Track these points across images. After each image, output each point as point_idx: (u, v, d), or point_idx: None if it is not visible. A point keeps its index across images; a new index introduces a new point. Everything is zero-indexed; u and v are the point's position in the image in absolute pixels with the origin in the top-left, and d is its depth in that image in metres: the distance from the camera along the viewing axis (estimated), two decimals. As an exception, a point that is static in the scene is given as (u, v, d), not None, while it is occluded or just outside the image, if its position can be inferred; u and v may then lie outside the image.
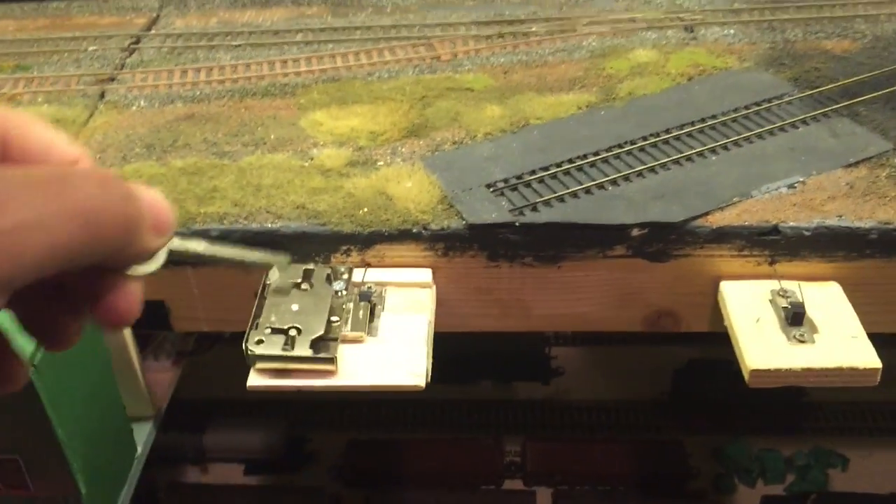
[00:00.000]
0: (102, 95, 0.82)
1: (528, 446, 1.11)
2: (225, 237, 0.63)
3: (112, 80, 0.85)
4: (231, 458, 1.12)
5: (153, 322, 0.66)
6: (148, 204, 0.30)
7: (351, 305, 0.59)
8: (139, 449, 0.68)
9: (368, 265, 0.64)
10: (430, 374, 0.57)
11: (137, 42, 0.92)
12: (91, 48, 0.91)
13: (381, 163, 0.70)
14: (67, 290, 0.31)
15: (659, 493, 1.07)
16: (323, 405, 1.20)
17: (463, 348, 1.19)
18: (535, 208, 0.63)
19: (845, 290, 0.61)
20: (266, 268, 0.49)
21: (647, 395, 1.23)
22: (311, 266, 0.62)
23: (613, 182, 0.66)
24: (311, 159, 0.70)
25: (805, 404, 1.20)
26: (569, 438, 1.16)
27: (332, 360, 0.55)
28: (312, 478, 1.13)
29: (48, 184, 0.27)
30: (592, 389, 1.26)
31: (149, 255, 0.31)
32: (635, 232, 0.61)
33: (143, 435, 0.69)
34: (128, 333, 0.66)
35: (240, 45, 0.90)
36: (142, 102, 0.80)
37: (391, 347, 0.57)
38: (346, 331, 0.58)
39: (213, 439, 1.10)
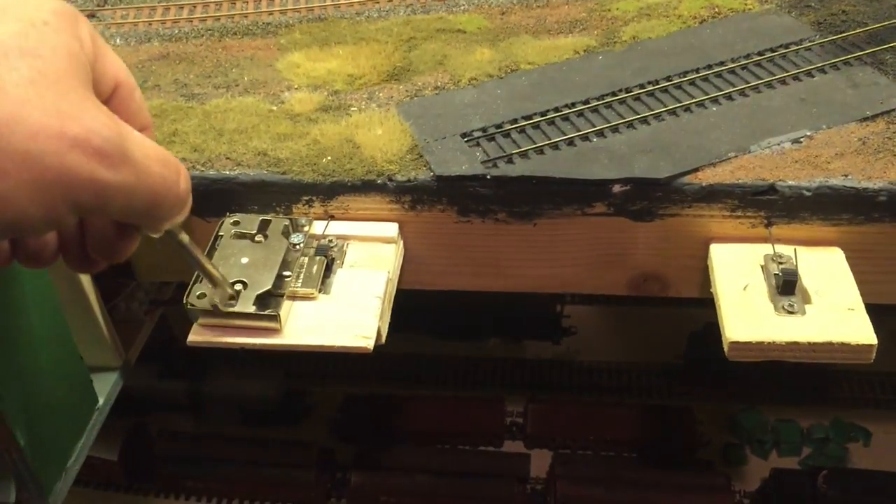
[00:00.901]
0: (80, 33, 0.78)
1: (530, 408, 1.07)
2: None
3: (92, 16, 0.81)
4: (228, 407, 1.10)
5: (116, 270, 0.64)
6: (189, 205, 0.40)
7: (306, 260, 0.56)
8: (101, 400, 0.66)
9: (332, 217, 0.60)
10: (384, 336, 0.54)
11: (125, -23, 0.88)
12: (76, -17, 0.87)
13: (355, 108, 0.65)
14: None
15: (664, 461, 1.02)
16: (324, 357, 1.18)
17: (471, 304, 1.15)
18: (510, 160, 0.58)
19: (849, 257, 0.55)
20: (214, 284, 0.51)
21: (661, 359, 1.18)
22: (268, 217, 0.58)
23: (599, 133, 0.60)
24: (282, 103, 0.66)
25: (829, 374, 1.14)
26: (573, 401, 1.12)
27: (275, 318, 0.51)
28: (311, 431, 1.11)
29: (156, 163, 0.36)
30: (604, 351, 1.21)
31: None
32: (616, 188, 0.56)
33: (106, 385, 0.67)
34: (86, 280, 0.64)
35: (228, -19, 0.86)
36: (117, 41, 0.76)
37: (343, 306, 0.54)
38: (297, 286, 0.54)
39: (211, 388, 1.08)
